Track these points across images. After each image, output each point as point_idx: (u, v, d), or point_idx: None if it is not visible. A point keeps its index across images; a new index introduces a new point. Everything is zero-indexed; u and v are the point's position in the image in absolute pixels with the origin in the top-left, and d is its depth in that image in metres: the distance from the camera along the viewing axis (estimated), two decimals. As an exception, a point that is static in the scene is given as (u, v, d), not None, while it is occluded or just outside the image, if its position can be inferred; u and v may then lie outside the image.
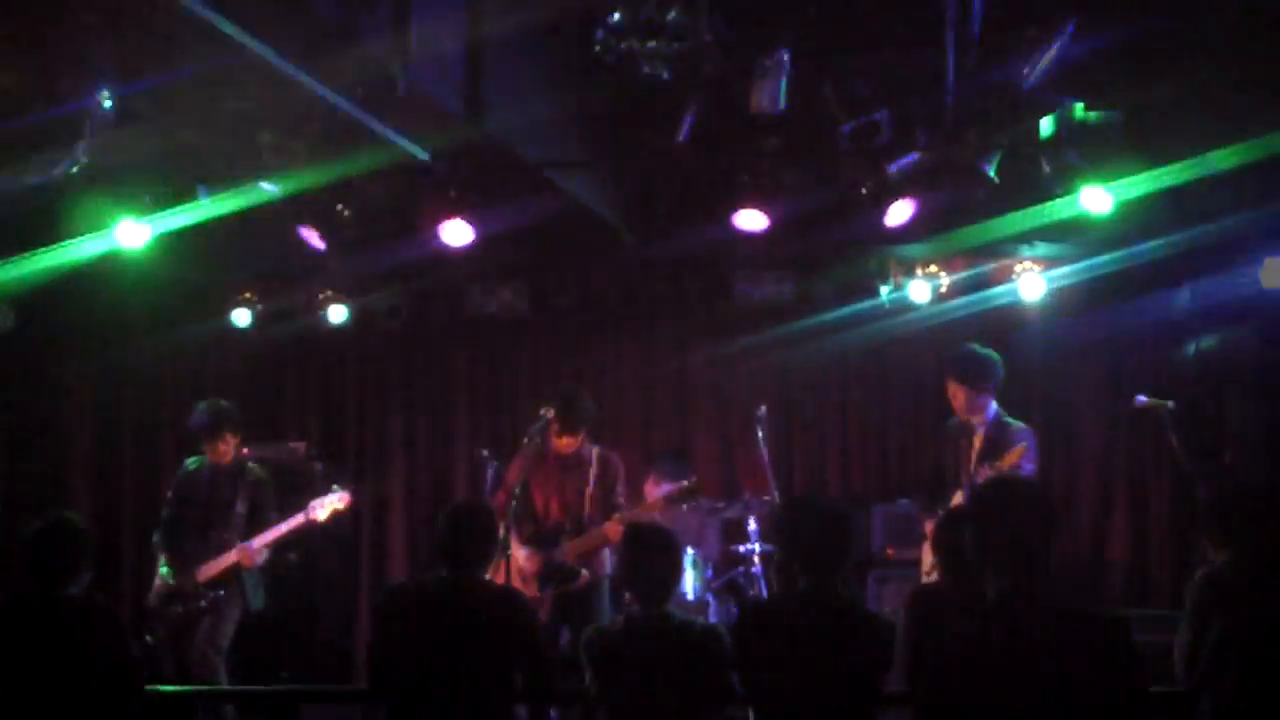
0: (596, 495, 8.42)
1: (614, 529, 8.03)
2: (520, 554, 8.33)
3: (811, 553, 5.29)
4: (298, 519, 8.58)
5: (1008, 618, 4.06)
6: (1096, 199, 8.20)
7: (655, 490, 9.39)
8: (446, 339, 11.20)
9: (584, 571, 8.27)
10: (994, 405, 8.31)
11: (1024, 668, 3.96)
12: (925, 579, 8.12)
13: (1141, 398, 8.42)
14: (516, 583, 8.20)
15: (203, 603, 8.37)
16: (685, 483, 8.46)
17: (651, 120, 7.83)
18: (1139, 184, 8.16)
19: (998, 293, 10.16)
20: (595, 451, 8.51)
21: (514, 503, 8.13)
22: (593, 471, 8.43)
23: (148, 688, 6.06)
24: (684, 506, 8.82)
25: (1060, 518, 4.44)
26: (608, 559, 8.34)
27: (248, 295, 10.55)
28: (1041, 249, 9.88)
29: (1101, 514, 10.47)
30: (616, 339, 11.21)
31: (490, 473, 8.75)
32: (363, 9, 6.38)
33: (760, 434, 9.18)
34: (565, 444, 8.37)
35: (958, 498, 8.06)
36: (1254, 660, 5.45)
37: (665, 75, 6.49)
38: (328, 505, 8.66)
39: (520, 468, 8.41)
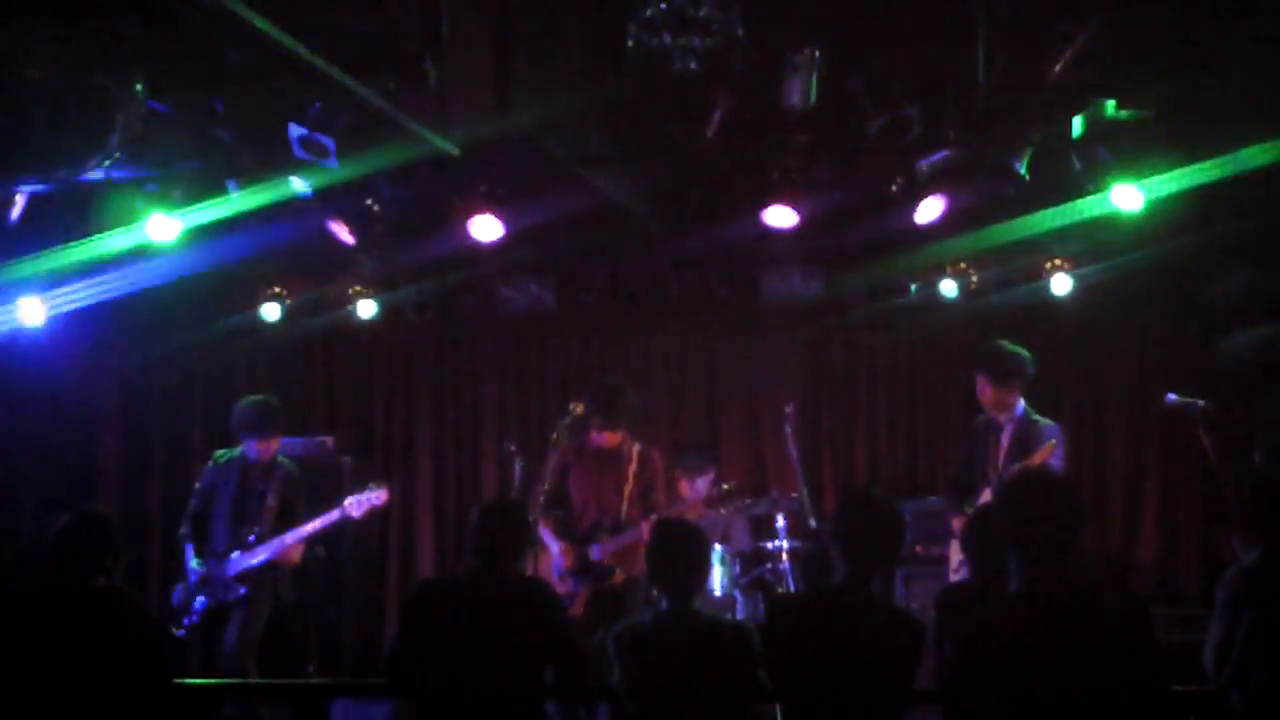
0: (635, 493, 8.36)
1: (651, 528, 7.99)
2: (555, 549, 8.31)
3: (860, 546, 5.18)
4: (334, 515, 8.48)
5: (1036, 609, 4.05)
6: (1128, 197, 8.17)
7: (686, 487, 9.39)
8: (475, 334, 11.21)
9: (618, 570, 8.25)
10: (1022, 402, 8.27)
11: (1052, 659, 3.95)
12: (953, 575, 8.11)
13: (1172, 396, 8.35)
14: (549, 578, 8.20)
15: (233, 597, 8.38)
16: (725, 486, 8.48)
17: (682, 115, 7.82)
18: (1170, 181, 8.13)
19: (1027, 290, 10.14)
20: (636, 449, 8.45)
21: (550, 498, 8.13)
22: (632, 469, 8.38)
23: (176, 680, 6.07)
24: (721, 510, 8.80)
25: (1088, 514, 4.44)
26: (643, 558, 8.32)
27: (277, 289, 10.56)
28: (1071, 246, 9.84)
29: (1131, 513, 10.43)
30: (645, 335, 11.20)
31: (518, 469, 8.74)
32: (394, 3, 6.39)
33: (789, 431, 9.19)
34: (607, 439, 8.32)
35: (986, 495, 8.03)
36: (1285, 658, 5.42)
37: (695, 68, 6.49)
38: (364, 502, 8.52)
39: (559, 463, 8.39)
